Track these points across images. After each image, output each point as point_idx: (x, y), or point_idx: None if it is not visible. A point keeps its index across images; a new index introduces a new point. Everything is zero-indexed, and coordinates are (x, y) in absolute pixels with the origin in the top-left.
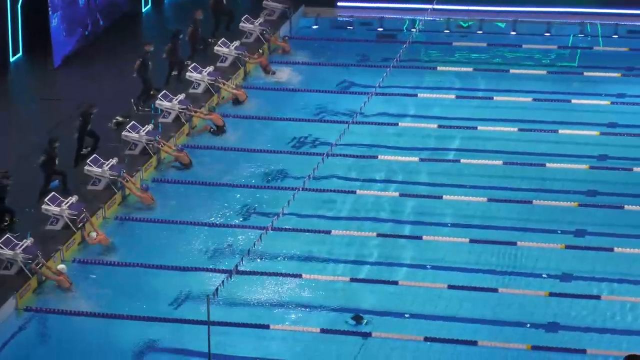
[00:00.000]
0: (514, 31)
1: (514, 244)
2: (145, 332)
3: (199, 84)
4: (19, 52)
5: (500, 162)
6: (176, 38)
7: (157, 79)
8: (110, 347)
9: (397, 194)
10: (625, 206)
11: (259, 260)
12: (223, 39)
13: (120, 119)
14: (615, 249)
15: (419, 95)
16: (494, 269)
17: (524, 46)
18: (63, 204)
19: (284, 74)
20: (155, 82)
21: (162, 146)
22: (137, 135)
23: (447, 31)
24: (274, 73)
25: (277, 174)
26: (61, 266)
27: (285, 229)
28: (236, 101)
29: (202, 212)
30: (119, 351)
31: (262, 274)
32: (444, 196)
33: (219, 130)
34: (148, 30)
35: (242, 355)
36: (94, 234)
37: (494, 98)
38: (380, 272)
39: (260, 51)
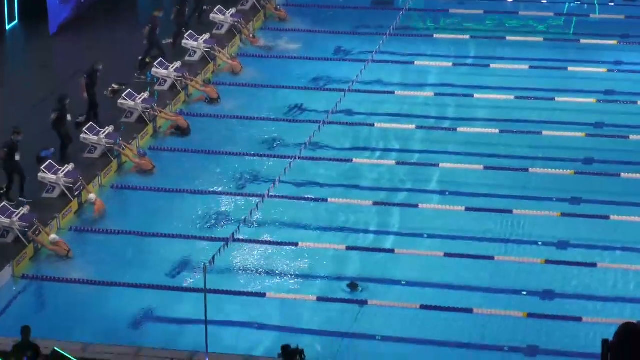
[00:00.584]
0: None
1: (510, 212)
2: (141, 299)
3: (195, 52)
4: (15, 20)
5: (496, 130)
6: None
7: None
8: (106, 315)
9: (393, 162)
10: (622, 174)
11: (255, 228)
12: (219, 6)
13: (116, 86)
14: (611, 216)
15: (415, 62)
16: (490, 237)
17: (520, 13)
18: (59, 172)
19: (280, 42)
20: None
21: (158, 114)
22: (133, 103)
23: None
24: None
25: (274, 142)
26: (53, 236)
27: (282, 197)
28: (232, 72)
29: (198, 180)
30: (115, 319)
31: (258, 242)
32: (441, 164)
33: (213, 102)
34: None
35: (238, 321)
36: (92, 196)
37: (491, 66)
38: (377, 240)
39: (252, 36)
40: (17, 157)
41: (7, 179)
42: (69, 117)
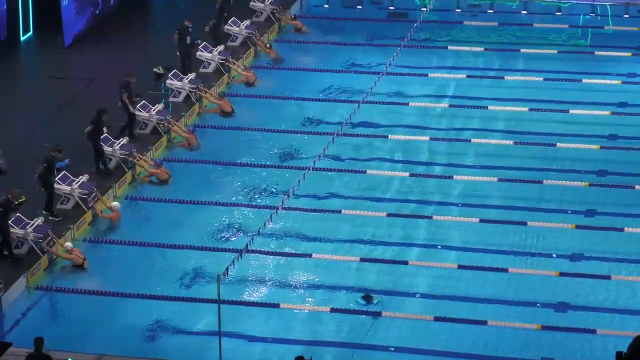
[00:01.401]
0: (524, 10)
1: (525, 223)
2: (155, 310)
3: (210, 64)
4: (29, 31)
5: (511, 142)
6: (221, 14)
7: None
8: (120, 326)
9: (407, 173)
10: (636, 186)
11: (269, 239)
12: (233, 18)
13: None
14: (626, 228)
15: (429, 74)
16: (504, 249)
17: (535, 25)
18: (74, 183)
19: (295, 54)
20: (167, 61)
21: (172, 126)
22: (147, 114)
23: (459, 10)
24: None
25: (288, 153)
26: (67, 244)
27: (296, 209)
28: (247, 83)
29: (212, 191)
30: (129, 330)
31: (272, 253)
32: (455, 176)
33: (227, 115)
34: (158, 9)
35: (252, 334)
36: (116, 204)
37: (505, 77)
38: (391, 252)
39: (269, 46)
40: (56, 174)
41: (46, 194)
42: (104, 129)
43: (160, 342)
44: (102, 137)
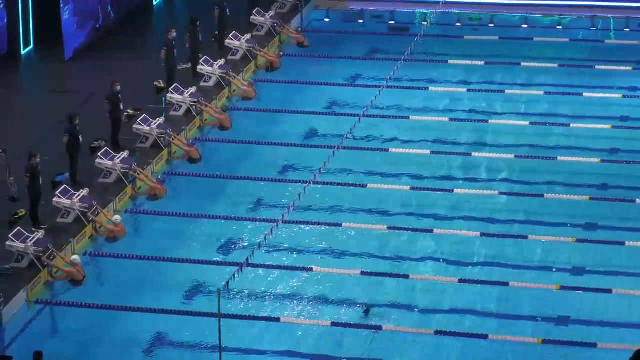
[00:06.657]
0: (525, 24)
1: (525, 237)
2: (156, 324)
3: (210, 77)
4: (30, 45)
5: (511, 156)
6: (194, 25)
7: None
8: (120, 340)
9: (407, 187)
10: (637, 200)
11: (270, 253)
12: (234, 32)
13: (131, 111)
14: (627, 242)
15: (430, 88)
16: (504, 263)
17: (535, 39)
18: (74, 197)
19: (295, 68)
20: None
21: (173, 139)
22: (148, 128)
23: (459, 24)
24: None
25: (289, 167)
26: (74, 257)
27: (297, 222)
28: (245, 98)
29: (213, 205)
30: (129, 344)
31: (273, 267)
32: (455, 190)
33: (225, 129)
34: (159, 23)
35: (253, 348)
36: (118, 217)
37: (506, 91)
38: (391, 266)
39: (282, 53)
40: (40, 181)
41: (30, 204)
42: (80, 137)
43: (160, 356)
44: (79, 145)
